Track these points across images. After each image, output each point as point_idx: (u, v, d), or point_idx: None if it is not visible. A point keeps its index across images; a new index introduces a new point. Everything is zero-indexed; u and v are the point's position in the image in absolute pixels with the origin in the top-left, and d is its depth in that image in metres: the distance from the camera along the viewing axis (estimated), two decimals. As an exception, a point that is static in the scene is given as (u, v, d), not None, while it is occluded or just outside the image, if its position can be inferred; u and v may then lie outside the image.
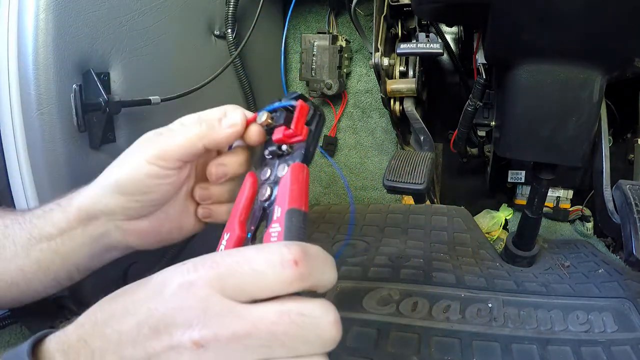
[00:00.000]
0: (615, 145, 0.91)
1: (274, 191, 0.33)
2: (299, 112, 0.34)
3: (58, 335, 0.26)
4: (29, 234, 0.37)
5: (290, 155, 0.34)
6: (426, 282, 0.66)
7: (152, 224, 0.38)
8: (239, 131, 0.35)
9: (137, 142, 0.36)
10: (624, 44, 0.52)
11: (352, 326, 0.57)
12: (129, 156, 0.36)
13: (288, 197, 0.30)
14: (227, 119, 0.36)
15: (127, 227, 0.38)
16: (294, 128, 0.34)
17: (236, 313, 0.23)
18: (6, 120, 0.53)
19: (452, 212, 0.89)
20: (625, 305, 0.60)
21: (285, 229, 0.29)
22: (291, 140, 0.34)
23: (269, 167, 0.35)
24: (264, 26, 1.02)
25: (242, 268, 0.24)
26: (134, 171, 0.35)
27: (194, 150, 0.35)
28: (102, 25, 0.58)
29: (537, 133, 0.60)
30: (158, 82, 0.68)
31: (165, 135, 0.35)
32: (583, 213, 0.94)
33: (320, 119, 0.35)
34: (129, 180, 0.35)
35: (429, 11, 0.64)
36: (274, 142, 0.35)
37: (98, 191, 0.36)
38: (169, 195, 0.37)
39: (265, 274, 0.23)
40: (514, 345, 0.54)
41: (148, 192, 0.36)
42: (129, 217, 0.37)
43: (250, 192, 0.34)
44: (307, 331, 0.23)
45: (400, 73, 0.92)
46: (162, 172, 0.35)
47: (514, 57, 0.57)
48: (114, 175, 0.36)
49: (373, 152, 1.19)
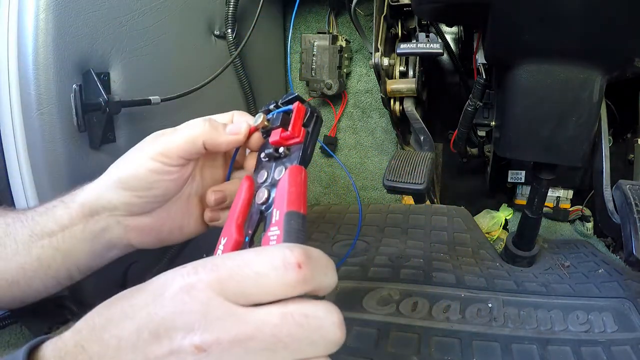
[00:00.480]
0: (615, 145, 0.91)
1: (271, 194, 0.33)
2: (296, 113, 0.34)
3: (54, 341, 0.25)
4: (31, 231, 0.37)
5: (288, 158, 0.34)
6: (426, 282, 0.66)
7: (154, 222, 0.39)
8: (240, 140, 0.36)
9: (142, 141, 0.37)
10: (624, 44, 0.52)
11: (352, 326, 0.57)
12: (133, 153, 0.36)
13: (286, 200, 0.30)
14: (231, 126, 0.37)
15: (129, 223, 0.38)
16: (291, 130, 0.33)
17: (238, 316, 0.23)
18: (6, 120, 0.53)
19: (452, 212, 0.89)
20: (625, 305, 0.60)
21: (284, 232, 0.28)
22: (288, 142, 0.34)
23: (266, 169, 0.35)
24: (264, 26, 1.02)
25: (244, 271, 0.23)
26: (137, 167, 0.35)
27: (195, 148, 0.36)
28: (102, 25, 0.58)
29: (537, 133, 0.60)
30: (158, 82, 0.68)
31: (169, 134, 0.36)
32: (583, 213, 0.94)
33: (317, 120, 0.35)
34: (132, 176, 0.36)
35: (429, 11, 0.64)
36: (271, 144, 0.35)
37: (101, 187, 0.37)
38: (171, 192, 0.38)
39: (267, 276, 0.23)
40: (514, 345, 0.54)
41: (150, 188, 0.36)
42: (131, 213, 0.38)
43: (247, 196, 0.34)
44: (311, 333, 0.23)
45: (400, 73, 0.92)
46: (165, 168, 0.35)
47: (514, 57, 0.57)
48: (118, 171, 0.36)
49: (373, 152, 1.19)
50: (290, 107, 0.34)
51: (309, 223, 0.90)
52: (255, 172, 0.36)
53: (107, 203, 0.37)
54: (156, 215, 0.39)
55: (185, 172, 0.37)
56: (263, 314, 0.23)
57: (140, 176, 0.35)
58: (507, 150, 0.64)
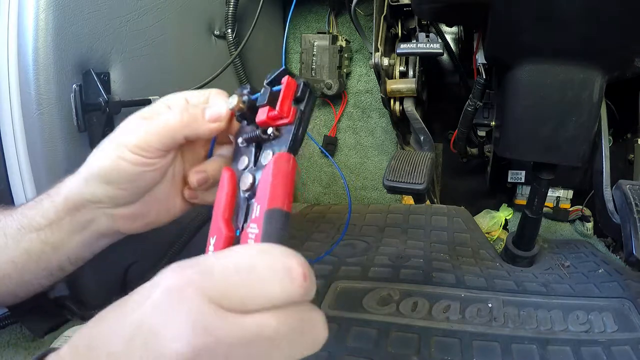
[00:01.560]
0: (615, 145, 0.91)
1: (257, 178, 0.29)
2: (285, 89, 0.29)
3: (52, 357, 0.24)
4: (19, 224, 0.37)
5: (277, 140, 0.30)
6: (426, 282, 0.66)
7: (140, 209, 0.38)
8: (222, 127, 0.35)
9: (120, 129, 0.35)
10: (623, 44, 0.52)
11: (352, 326, 0.57)
12: (112, 144, 0.35)
13: (269, 194, 0.26)
14: (210, 110, 0.35)
15: (115, 212, 0.37)
16: (280, 108, 0.29)
17: (232, 323, 0.21)
18: (6, 120, 0.53)
19: (452, 212, 0.89)
20: (625, 305, 0.60)
21: (264, 233, 0.26)
22: (277, 123, 0.30)
23: (246, 155, 0.32)
24: (264, 26, 1.02)
25: (240, 276, 0.22)
26: (118, 160, 0.34)
27: (175, 141, 0.34)
28: (102, 25, 0.58)
29: (537, 133, 0.60)
30: (158, 82, 0.68)
31: (147, 122, 0.34)
32: (583, 213, 0.94)
33: (310, 96, 0.30)
34: (114, 170, 0.34)
35: (429, 11, 0.64)
36: (258, 124, 0.31)
37: (83, 181, 0.36)
38: (155, 181, 0.37)
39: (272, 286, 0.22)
40: (514, 345, 0.54)
41: (134, 181, 0.35)
42: (117, 205, 0.37)
43: (229, 187, 0.31)
44: (305, 335, 0.23)
45: (400, 73, 0.92)
46: (147, 160, 0.34)
47: (514, 57, 0.57)
48: (98, 163, 0.35)
49: (373, 152, 1.19)
50: (280, 88, 0.30)
51: (309, 223, 0.91)
52: (234, 161, 0.33)
53: (91, 196, 0.36)
54: (142, 202, 0.38)
55: (168, 159, 0.36)
56: (260, 320, 0.22)
57: (121, 170, 0.34)
58: (507, 150, 0.64)
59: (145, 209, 0.38)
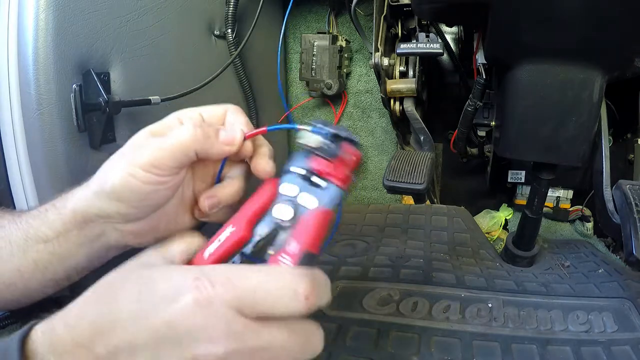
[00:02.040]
0: (615, 145, 0.91)
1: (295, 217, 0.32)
2: (356, 163, 0.33)
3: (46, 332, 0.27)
4: (25, 234, 0.37)
5: (322, 191, 0.33)
6: (426, 282, 0.66)
7: (150, 224, 0.38)
8: (234, 151, 0.35)
9: (130, 145, 0.35)
10: (623, 45, 0.52)
11: (352, 326, 0.58)
12: (124, 160, 0.34)
13: (309, 239, 0.30)
14: (225, 133, 0.35)
15: (125, 228, 0.37)
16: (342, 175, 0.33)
17: (254, 331, 0.26)
18: (6, 120, 0.53)
19: (452, 212, 0.89)
20: (625, 305, 0.60)
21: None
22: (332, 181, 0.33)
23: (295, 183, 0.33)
24: (264, 26, 1.02)
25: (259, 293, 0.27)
26: (129, 178, 0.33)
27: (187, 158, 0.34)
28: (102, 25, 0.58)
29: (537, 133, 0.60)
30: (158, 82, 0.68)
31: (159, 139, 0.34)
32: (583, 213, 0.94)
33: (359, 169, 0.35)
34: (125, 187, 0.34)
35: (429, 11, 0.64)
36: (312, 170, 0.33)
37: (93, 195, 0.35)
38: (167, 198, 0.36)
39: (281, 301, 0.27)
40: (514, 345, 0.54)
41: (145, 199, 0.35)
42: (127, 221, 0.36)
43: (266, 201, 0.33)
44: (308, 345, 0.29)
45: (400, 73, 0.92)
46: (159, 179, 0.34)
47: (514, 57, 0.57)
48: (109, 180, 0.34)
49: (373, 152, 1.19)
50: (350, 157, 0.33)
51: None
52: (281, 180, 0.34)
53: (101, 212, 0.35)
54: (151, 218, 0.37)
55: (179, 177, 0.36)
56: (275, 329, 0.27)
57: (133, 188, 0.33)
58: (507, 150, 0.64)
59: (155, 225, 0.38)
